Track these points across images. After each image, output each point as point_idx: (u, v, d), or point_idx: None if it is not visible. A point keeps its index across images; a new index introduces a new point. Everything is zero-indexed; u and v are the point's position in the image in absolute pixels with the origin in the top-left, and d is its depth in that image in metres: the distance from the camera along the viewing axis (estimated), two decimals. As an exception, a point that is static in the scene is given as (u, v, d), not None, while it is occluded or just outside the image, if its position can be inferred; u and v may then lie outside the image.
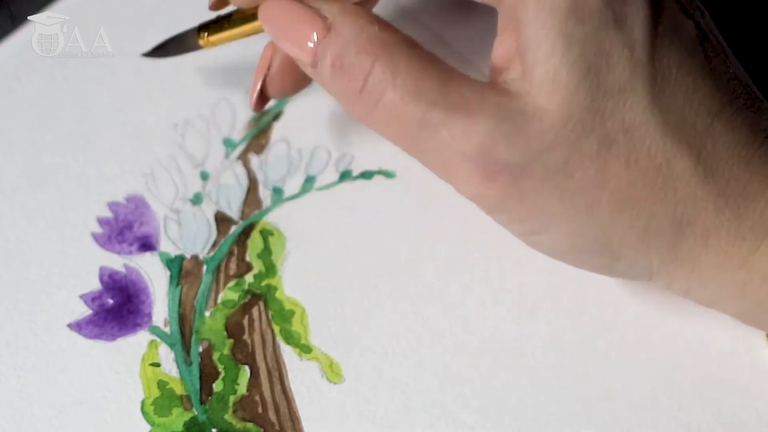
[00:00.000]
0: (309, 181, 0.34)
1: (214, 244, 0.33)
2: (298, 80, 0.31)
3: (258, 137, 0.36)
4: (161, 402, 0.30)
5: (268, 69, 0.31)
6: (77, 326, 0.32)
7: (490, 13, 0.27)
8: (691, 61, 0.25)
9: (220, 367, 0.31)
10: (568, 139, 0.24)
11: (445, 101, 0.25)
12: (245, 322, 0.32)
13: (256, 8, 0.29)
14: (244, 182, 0.35)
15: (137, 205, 0.34)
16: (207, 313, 0.32)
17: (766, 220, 0.25)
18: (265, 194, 0.34)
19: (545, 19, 0.24)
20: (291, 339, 0.31)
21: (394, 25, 0.27)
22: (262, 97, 0.31)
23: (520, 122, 0.24)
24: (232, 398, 0.30)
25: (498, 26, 0.27)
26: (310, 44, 0.27)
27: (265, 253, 0.33)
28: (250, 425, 0.30)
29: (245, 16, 0.30)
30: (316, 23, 0.27)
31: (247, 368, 0.31)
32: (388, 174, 0.34)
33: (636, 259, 0.26)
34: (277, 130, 0.36)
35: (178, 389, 0.30)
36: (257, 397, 0.30)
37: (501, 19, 0.27)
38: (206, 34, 0.32)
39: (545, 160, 0.24)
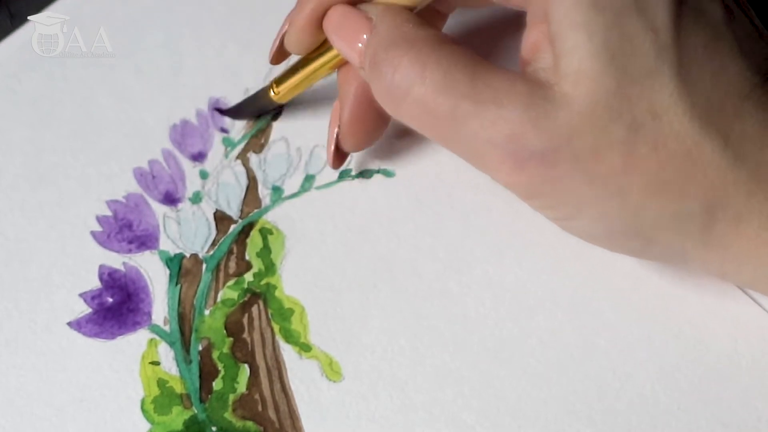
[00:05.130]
0: (308, 180, 0.34)
1: (214, 243, 0.33)
2: (369, 131, 0.32)
3: (257, 136, 0.36)
4: (161, 400, 0.30)
5: (339, 126, 0.32)
6: (77, 325, 0.32)
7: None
8: (718, 43, 0.25)
9: (220, 366, 0.31)
10: (596, 124, 0.24)
11: (475, 93, 0.25)
12: (245, 320, 0.32)
13: (315, 52, 0.31)
14: (244, 181, 0.35)
15: (137, 203, 0.34)
16: (206, 312, 0.32)
17: None
18: (264, 193, 0.34)
19: (567, 11, 0.24)
20: (290, 337, 0.31)
21: (428, 23, 0.28)
22: (339, 154, 0.33)
23: (548, 109, 0.24)
24: (231, 397, 0.30)
25: (527, 20, 0.27)
26: (360, 45, 0.28)
27: (265, 252, 0.33)
28: (249, 424, 0.30)
29: (308, 60, 0.32)
30: (363, 25, 0.28)
31: (246, 367, 0.31)
32: (387, 173, 0.34)
33: (669, 242, 0.26)
34: (277, 129, 0.36)
35: (178, 388, 0.30)
36: (257, 396, 0.30)
37: (529, 13, 0.27)
38: (275, 85, 0.33)
39: (574, 146, 0.24)
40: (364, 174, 0.34)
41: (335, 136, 0.32)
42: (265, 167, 0.35)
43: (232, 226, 0.34)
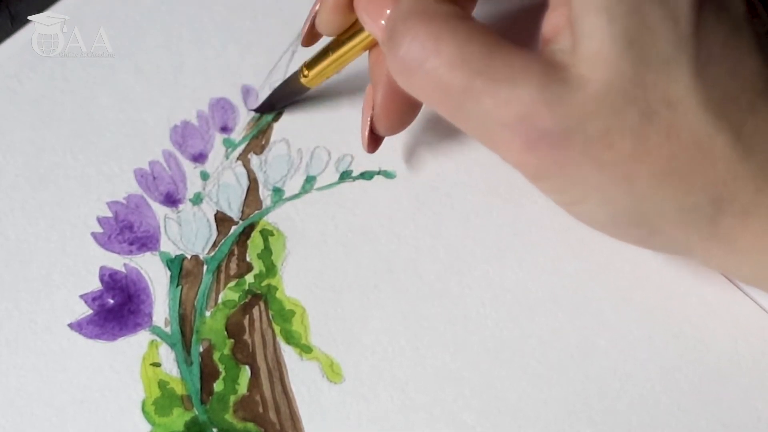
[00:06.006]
0: (309, 181, 0.34)
1: (215, 244, 0.33)
2: (403, 114, 0.31)
3: (258, 137, 0.36)
4: (162, 402, 0.30)
5: (373, 109, 0.31)
6: (78, 326, 0.32)
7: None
8: (737, 37, 0.25)
9: (221, 367, 0.31)
10: (610, 109, 0.24)
11: (490, 70, 0.25)
12: (246, 322, 0.32)
13: (347, 33, 0.31)
14: (244, 182, 0.35)
15: (137, 204, 0.34)
16: (207, 313, 0.32)
17: None
18: (265, 194, 0.34)
19: None
20: (291, 339, 0.31)
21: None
22: (374, 137, 0.32)
23: (562, 91, 0.24)
24: (232, 398, 0.30)
25: (549, 2, 0.27)
26: (383, 21, 0.27)
27: (266, 253, 0.33)
28: (250, 425, 0.30)
29: (339, 42, 0.31)
30: (389, 0, 0.27)
31: (247, 368, 0.31)
32: (388, 174, 0.34)
33: (674, 234, 0.26)
34: (277, 130, 0.36)
35: (179, 389, 0.31)
36: (258, 397, 0.30)
37: None
38: (306, 69, 0.33)
39: (586, 129, 0.24)
40: (364, 175, 0.34)
41: (369, 119, 0.31)
42: (266, 168, 0.35)
43: (233, 228, 0.34)
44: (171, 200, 0.34)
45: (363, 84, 0.36)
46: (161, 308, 0.32)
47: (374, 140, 0.32)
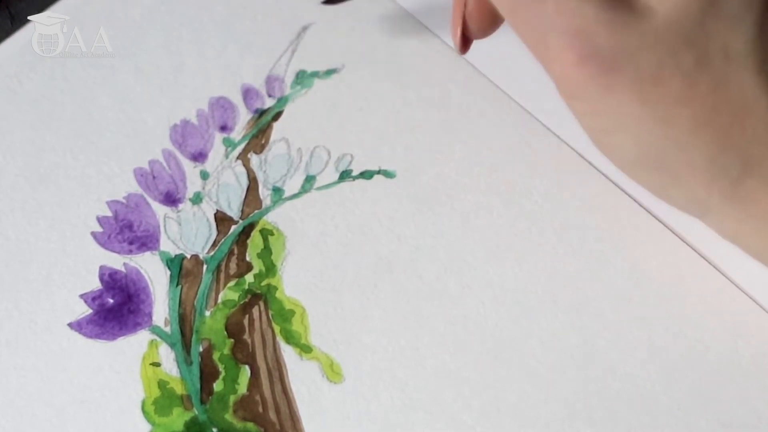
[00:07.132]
0: (309, 180, 0.34)
1: (214, 244, 0.33)
2: (496, 13, 0.30)
3: (258, 136, 0.36)
4: (161, 401, 0.30)
5: (465, 8, 0.30)
6: (77, 325, 0.32)
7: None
8: None
9: (221, 367, 0.31)
10: (668, 46, 0.24)
11: None
12: (245, 321, 0.32)
13: None
14: (244, 182, 0.35)
15: (137, 204, 0.34)
16: (207, 313, 0.32)
17: None
18: (265, 194, 0.34)
19: None
20: (291, 339, 0.31)
21: None
22: (465, 38, 0.31)
23: (627, 16, 0.24)
24: (232, 398, 0.30)
25: None
26: None
27: (265, 253, 0.33)
28: (250, 425, 0.30)
29: None
30: None
31: (247, 368, 0.31)
32: (388, 174, 0.34)
33: (695, 187, 0.26)
34: (277, 129, 0.36)
35: (179, 389, 0.30)
36: (257, 397, 0.30)
37: None
38: None
39: (639, 59, 0.24)
40: (364, 175, 0.34)
41: (462, 18, 0.30)
42: (266, 168, 0.35)
43: (233, 227, 0.34)
44: (171, 200, 0.34)
45: (364, 87, 0.36)
46: (161, 308, 0.32)
47: (465, 41, 0.31)
